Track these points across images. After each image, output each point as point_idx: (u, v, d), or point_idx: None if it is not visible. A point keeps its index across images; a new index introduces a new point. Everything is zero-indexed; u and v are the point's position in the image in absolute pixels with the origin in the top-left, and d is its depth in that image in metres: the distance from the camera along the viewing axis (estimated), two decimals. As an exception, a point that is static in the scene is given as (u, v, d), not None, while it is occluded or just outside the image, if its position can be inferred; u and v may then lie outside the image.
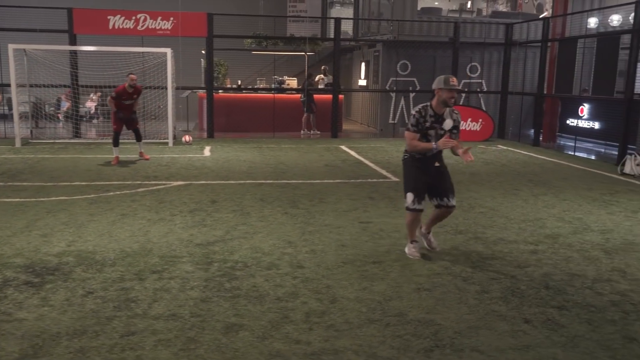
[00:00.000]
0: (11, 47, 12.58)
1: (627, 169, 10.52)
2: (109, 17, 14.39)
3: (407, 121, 17.02)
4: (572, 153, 13.50)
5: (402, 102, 17.28)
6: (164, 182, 8.88)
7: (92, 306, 4.14)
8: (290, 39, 17.17)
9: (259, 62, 19.04)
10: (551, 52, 14.75)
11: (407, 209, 5.32)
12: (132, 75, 10.59)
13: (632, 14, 11.47)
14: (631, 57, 11.41)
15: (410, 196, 5.25)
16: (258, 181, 9.14)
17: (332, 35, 16.27)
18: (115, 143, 10.79)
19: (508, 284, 4.74)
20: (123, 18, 14.43)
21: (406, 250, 5.49)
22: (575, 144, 13.85)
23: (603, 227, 6.68)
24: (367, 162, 11.46)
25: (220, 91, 16.39)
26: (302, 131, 16.27)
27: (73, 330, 3.75)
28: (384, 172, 10.23)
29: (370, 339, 3.69)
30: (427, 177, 5.28)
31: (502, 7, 20.30)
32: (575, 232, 6.45)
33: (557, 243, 5.98)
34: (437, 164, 5.33)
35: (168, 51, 13.15)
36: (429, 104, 5.27)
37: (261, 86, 17.64)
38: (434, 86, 5.24)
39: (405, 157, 5.41)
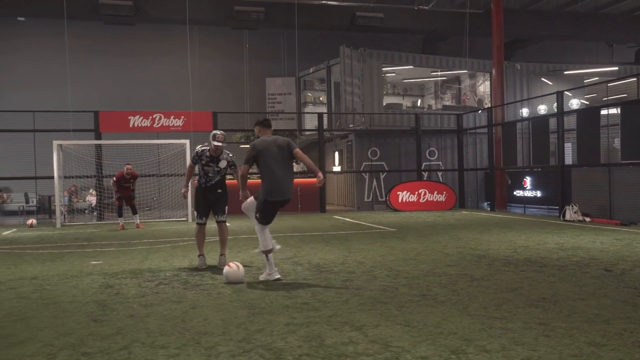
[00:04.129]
0: (55, 142, 14.77)
1: (567, 217, 13.48)
2: (129, 118, 16.94)
3: (380, 198, 19.91)
4: (523, 212, 16.51)
5: (375, 183, 20.24)
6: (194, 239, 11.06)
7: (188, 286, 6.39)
8: (275, 131, 20.06)
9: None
10: (495, 134, 18.14)
11: (197, 223, 7.35)
12: (128, 165, 13.37)
13: (555, 103, 14.99)
14: (559, 134, 14.75)
15: (195, 213, 7.35)
16: (287, 234, 11.47)
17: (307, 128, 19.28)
18: (119, 214, 13.57)
19: (491, 260, 7.28)
20: (142, 118, 17.01)
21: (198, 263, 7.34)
22: (524, 208, 16.90)
23: (557, 242, 9.39)
24: (364, 222, 13.99)
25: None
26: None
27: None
28: (382, 227, 12.74)
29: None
30: (208, 202, 7.25)
31: (448, 102, 24.12)
32: (538, 244, 9.13)
33: (527, 248, 8.60)
34: (219, 191, 7.29)
35: (187, 142, 15.63)
36: (208, 148, 7.15)
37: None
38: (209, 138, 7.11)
39: (197, 186, 7.33)
